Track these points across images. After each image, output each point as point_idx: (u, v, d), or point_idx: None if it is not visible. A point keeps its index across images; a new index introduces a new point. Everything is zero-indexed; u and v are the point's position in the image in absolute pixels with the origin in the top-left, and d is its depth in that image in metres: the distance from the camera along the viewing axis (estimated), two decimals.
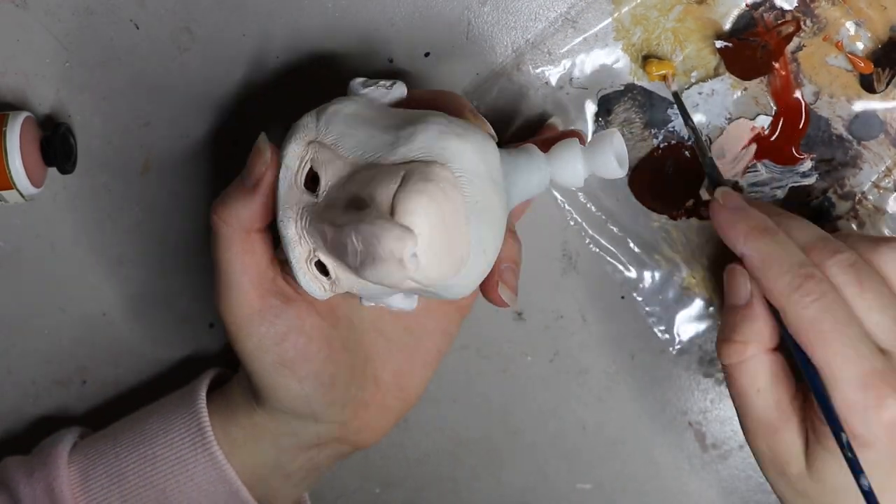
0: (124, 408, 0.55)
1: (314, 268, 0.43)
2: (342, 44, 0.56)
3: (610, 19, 0.55)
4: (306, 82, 0.56)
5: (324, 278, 0.44)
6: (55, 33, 0.56)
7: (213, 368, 0.54)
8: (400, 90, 0.47)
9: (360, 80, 0.47)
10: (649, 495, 0.62)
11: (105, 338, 0.59)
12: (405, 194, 0.40)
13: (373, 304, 0.46)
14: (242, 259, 0.46)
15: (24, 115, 0.54)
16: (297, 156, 0.44)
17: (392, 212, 0.40)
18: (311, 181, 0.44)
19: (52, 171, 0.56)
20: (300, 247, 0.43)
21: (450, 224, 0.41)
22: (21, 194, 0.54)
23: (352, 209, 0.41)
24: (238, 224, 0.45)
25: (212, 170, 0.58)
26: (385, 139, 0.42)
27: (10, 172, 0.53)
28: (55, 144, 0.55)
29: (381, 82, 0.47)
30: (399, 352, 0.51)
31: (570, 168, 0.46)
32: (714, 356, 0.59)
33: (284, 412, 0.49)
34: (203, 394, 0.51)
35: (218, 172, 0.58)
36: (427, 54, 0.56)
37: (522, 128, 0.56)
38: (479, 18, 0.56)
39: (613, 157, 0.45)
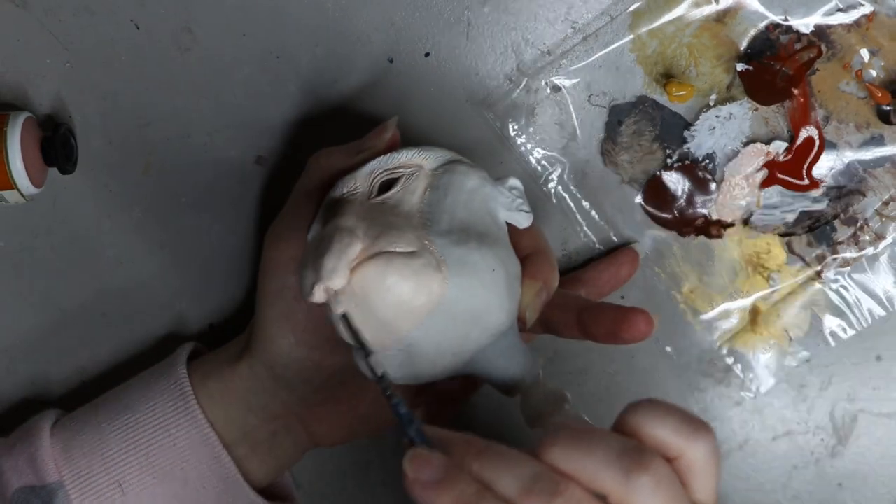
0: None
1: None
2: (342, 44, 0.56)
3: (630, 35, 0.55)
4: (306, 82, 0.56)
5: None
6: (56, 33, 0.56)
7: (191, 342, 0.55)
8: (525, 221, 0.48)
9: (514, 182, 0.48)
10: None
11: (105, 338, 0.59)
12: (381, 258, 0.42)
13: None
14: (308, 206, 0.49)
15: (24, 115, 0.54)
16: (399, 161, 0.47)
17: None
18: (388, 187, 0.46)
19: (53, 171, 0.56)
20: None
21: (392, 306, 0.43)
22: (21, 194, 0.54)
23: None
24: (326, 169, 0.49)
25: (212, 170, 0.58)
26: (449, 224, 0.44)
27: (10, 172, 0.53)
28: (56, 145, 0.55)
29: (523, 205, 0.48)
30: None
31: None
32: (713, 356, 0.59)
33: (266, 367, 0.50)
34: (184, 361, 0.52)
35: (219, 172, 0.58)
36: (427, 54, 0.56)
37: (529, 133, 0.56)
38: (479, 18, 0.56)
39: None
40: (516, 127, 0.56)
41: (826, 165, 0.55)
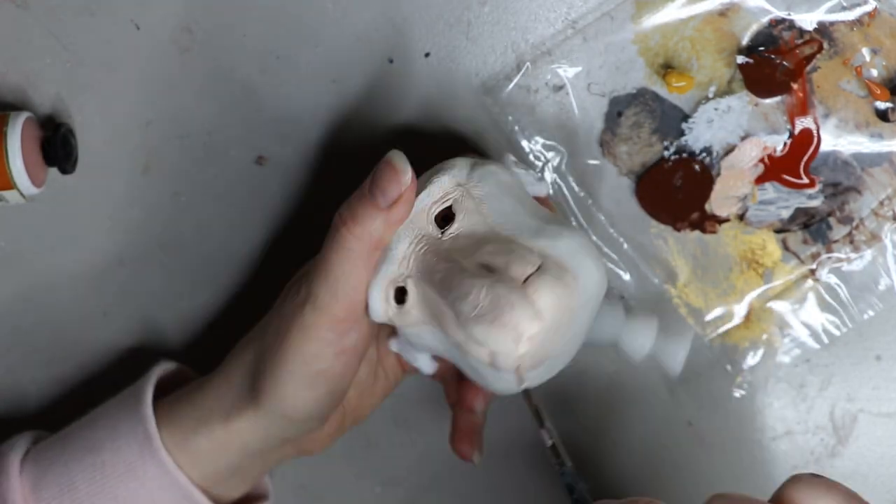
0: None
1: (392, 291, 0.46)
2: (342, 44, 0.56)
3: (633, 26, 0.55)
4: (306, 82, 0.57)
5: (392, 304, 0.45)
6: (56, 33, 0.56)
7: (161, 364, 0.54)
8: (544, 188, 0.50)
9: (513, 158, 0.49)
10: (649, 495, 0.62)
11: (105, 338, 0.59)
12: (544, 282, 0.42)
13: (398, 350, 0.49)
14: (357, 273, 0.46)
15: (24, 115, 0.54)
16: (443, 189, 0.46)
17: (525, 291, 0.42)
18: (443, 219, 0.46)
19: (53, 171, 0.56)
20: (396, 266, 0.45)
21: (560, 327, 0.43)
22: (22, 194, 0.54)
23: (482, 268, 0.43)
24: (369, 240, 0.45)
25: (212, 170, 0.58)
26: (529, 224, 0.45)
27: (10, 172, 0.53)
28: (56, 145, 0.55)
29: (532, 172, 0.49)
30: (367, 376, 0.53)
31: (639, 342, 0.51)
32: (712, 356, 0.59)
33: (277, 417, 0.49)
34: (148, 398, 0.51)
35: (219, 172, 0.58)
36: (427, 54, 0.56)
37: (530, 128, 0.56)
38: (479, 18, 0.56)
39: (683, 357, 0.50)
40: (514, 118, 0.56)
41: (823, 162, 0.56)
